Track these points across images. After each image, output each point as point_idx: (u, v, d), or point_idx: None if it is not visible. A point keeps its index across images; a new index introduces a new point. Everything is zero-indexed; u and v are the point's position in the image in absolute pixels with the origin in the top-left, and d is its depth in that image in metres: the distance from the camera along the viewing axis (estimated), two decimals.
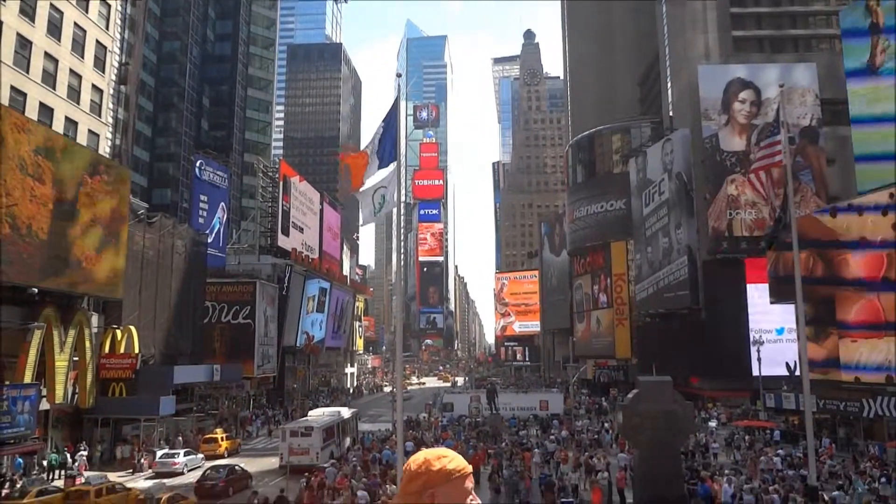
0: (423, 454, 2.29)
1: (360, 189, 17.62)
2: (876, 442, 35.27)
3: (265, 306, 62.93)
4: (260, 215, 75.02)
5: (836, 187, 55.56)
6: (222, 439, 40.79)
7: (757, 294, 50.01)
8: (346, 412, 42.54)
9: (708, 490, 23.62)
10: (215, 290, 58.52)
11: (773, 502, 20.77)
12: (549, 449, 34.01)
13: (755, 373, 44.36)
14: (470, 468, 2.28)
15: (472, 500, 2.25)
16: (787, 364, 45.08)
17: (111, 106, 47.30)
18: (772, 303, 44.89)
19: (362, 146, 18.28)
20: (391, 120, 17.37)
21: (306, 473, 28.13)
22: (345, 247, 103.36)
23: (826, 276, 39.58)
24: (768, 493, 22.20)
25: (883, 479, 25.86)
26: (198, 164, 62.40)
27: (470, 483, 2.25)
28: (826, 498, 21.54)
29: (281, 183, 72.49)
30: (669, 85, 68.98)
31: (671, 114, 68.20)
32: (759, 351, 43.89)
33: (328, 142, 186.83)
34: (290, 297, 68.36)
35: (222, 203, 64.55)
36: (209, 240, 58.28)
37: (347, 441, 39.44)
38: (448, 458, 2.25)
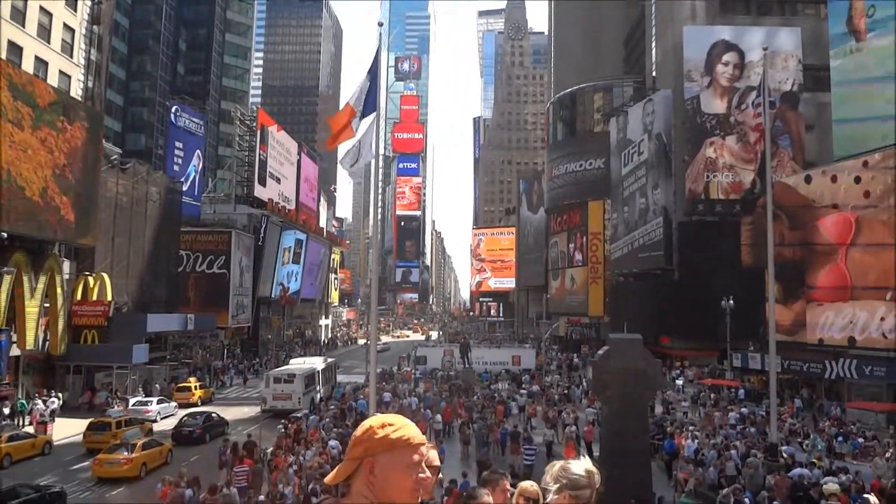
0: (371, 420, 2.20)
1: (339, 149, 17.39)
2: (836, 402, 36.34)
3: (241, 256, 62.59)
4: (236, 164, 74.00)
5: (814, 153, 55.94)
6: (196, 388, 40.95)
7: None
8: (326, 362, 44.44)
9: (673, 445, 24.30)
10: (190, 238, 57.98)
11: (733, 458, 21.39)
12: (519, 403, 34.62)
13: (723, 334, 45.22)
14: (421, 439, 2.13)
15: (420, 473, 2.11)
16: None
17: (83, 46, 45.93)
18: (744, 266, 45.53)
19: (342, 96, 18.11)
20: (374, 71, 17.10)
21: (283, 420, 28.86)
22: (322, 199, 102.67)
23: (797, 241, 40.22)
24: (729, 448, 22.87)
25: (840, 438, 26.74)
26: (173, 109, 61.17)
27: (418, 456, 2.11)
28: (784, 454, 22.26)
29: (258, 132, 71.42)
30: (654, 45, 68.46)
31: (654, 74, 67.85)
32: (728, 312, 44.69)
33: (307, 91, 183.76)
34: (265, 248, 68.00)
35: (198, 151, 63.53)
36: (184, 188, 57.51)
37: (327, 388, 41.10)
38: (394, 427, 2.12)
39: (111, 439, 26.14)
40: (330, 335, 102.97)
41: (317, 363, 42.72)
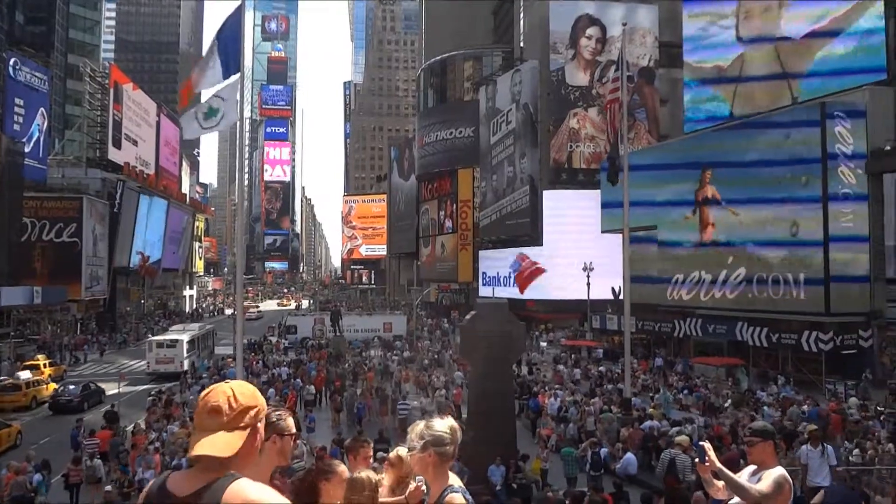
0: (236, 387, 2.17)
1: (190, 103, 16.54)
2: (682, 358, 39.32)
3: (94, 224, 58.67)
4: (87, 125, 68.87)
5: (667, 126, 59.50)
6: (45, 366, 38.36)
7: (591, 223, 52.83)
8: (205, 328, 47.66)
9: (538, 404, 25.43)
10: (35, 205, 53.67)
11: (592, 413, 22.72)
12: (390, 369, 34.95)
13: (584, 297, 47.59)
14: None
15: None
16: (613, 289, 48.59)
17: None
18: (602, 232, 47.90)
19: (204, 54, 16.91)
20: (234, 26, 16.21)
21: (153, 391, 29.63)
22: (184, 163, 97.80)
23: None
24: (589, 404, 24.25)
25: (686, 391, 29.00)
26: (12, 62, 55.71)
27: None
28: (637, 408, 23.90)
29: (112, 90, 66.72)
30: (522, 16, 69.74)
31: (522, 45, 69.23)
32: (588, 276, 47.03)
33: (167, 48, 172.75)
34: (122, 215, 64.10)
35: (42, 109, 58.40)
36: (27, 149, 52.81)
37: (206, 353, 43.80)
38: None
39: None
40: (195, 306, 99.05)
41: (197, 329, 45.65)
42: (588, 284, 46.52)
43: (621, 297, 33.61)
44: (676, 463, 15.23)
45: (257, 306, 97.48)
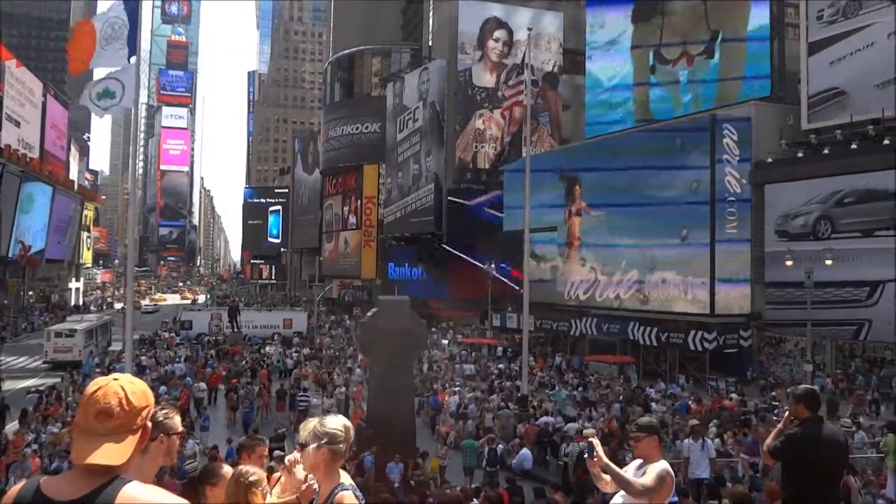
0: (124, 383, 2.06)
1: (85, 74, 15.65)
2: (577, 356, 40.63)
3: None
4: None
5: (569, 131, 61.27)
6: None
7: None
8: (103, 319, 48.97)
9: (437, 401, 25.63)
10: None
11: (490, 409, 23.11)
12: (289, 366, 34.37)
13: (486, 296, 48.32)
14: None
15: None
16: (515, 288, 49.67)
17: None
18: (504, 231, 48.74)
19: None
20: (131, 5, 15.41)
21: (32, 388, 28.25)
22: (73, 148, 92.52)
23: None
24: (488, 401, 24.66)
25: (580, 388, 29.98)
26: None
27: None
28: (535, 404, 24.51)
29: None
30: (431, 14, 69.94)
31: (430, 43, 69.45)
32: (491, 275, 47.79)
33: (56, 25, 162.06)
34: (1, 201, 59.96)
35: None
36: None
37: (104, 344, 44.42)
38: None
39: None
40: (82, 299, 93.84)
41: (95, 320, 47.05)
42: (489, 283, 47.26)
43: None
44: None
45: (159, 300, 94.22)
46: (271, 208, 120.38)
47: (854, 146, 32.35)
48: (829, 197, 32.51)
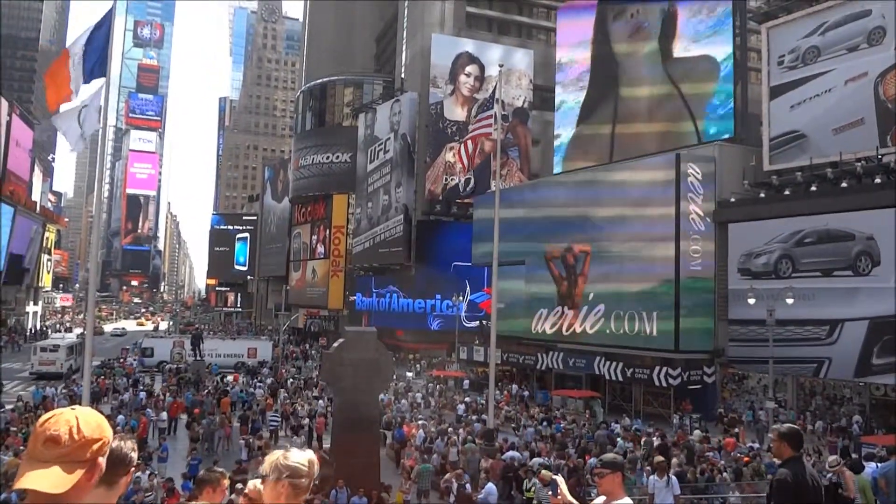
0: (78, 414, 1.97)
1: (61, 110, 15.53)
2: (543, 391, 40.59)
3: None
4: None
5: (538, 165, 62.04)
6: None
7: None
8: (80, 339, 49.34)
9: (403, 434, 25.34)
10: None
11: (457, 443, 22.90)
12: (256, 396, 33.77)
13: (455, 328, 48.24)
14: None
15: None
16: (481, 321, 49.61)
17: None
18: (473, 264, 48.93)
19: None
20: (104, 28, 15.38)
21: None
22: (37, 168, 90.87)
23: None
24: (455, 435, 24.42)
25: (545, 423, 29.89)
26: None
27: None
28: (501, 439, 24.35)
29: None
30: (404, 47, 70.73)
31: (403, 76, 70.12)
32: (459, 307, 47.77)
33: (24, 43, 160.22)
34: None
35: None
36: None
37: (80, 360, 44.50)
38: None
39: None
40: (39, 324, 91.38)
41: (76, 337, 53.16)
42: (459, 316, 47.21)
43: (489, 325, 34.33)
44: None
45: (123, 327, 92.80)
46: (239, 235, 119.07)
47: (814, 188, 33.28)
48: (791, 236, 33.28)
